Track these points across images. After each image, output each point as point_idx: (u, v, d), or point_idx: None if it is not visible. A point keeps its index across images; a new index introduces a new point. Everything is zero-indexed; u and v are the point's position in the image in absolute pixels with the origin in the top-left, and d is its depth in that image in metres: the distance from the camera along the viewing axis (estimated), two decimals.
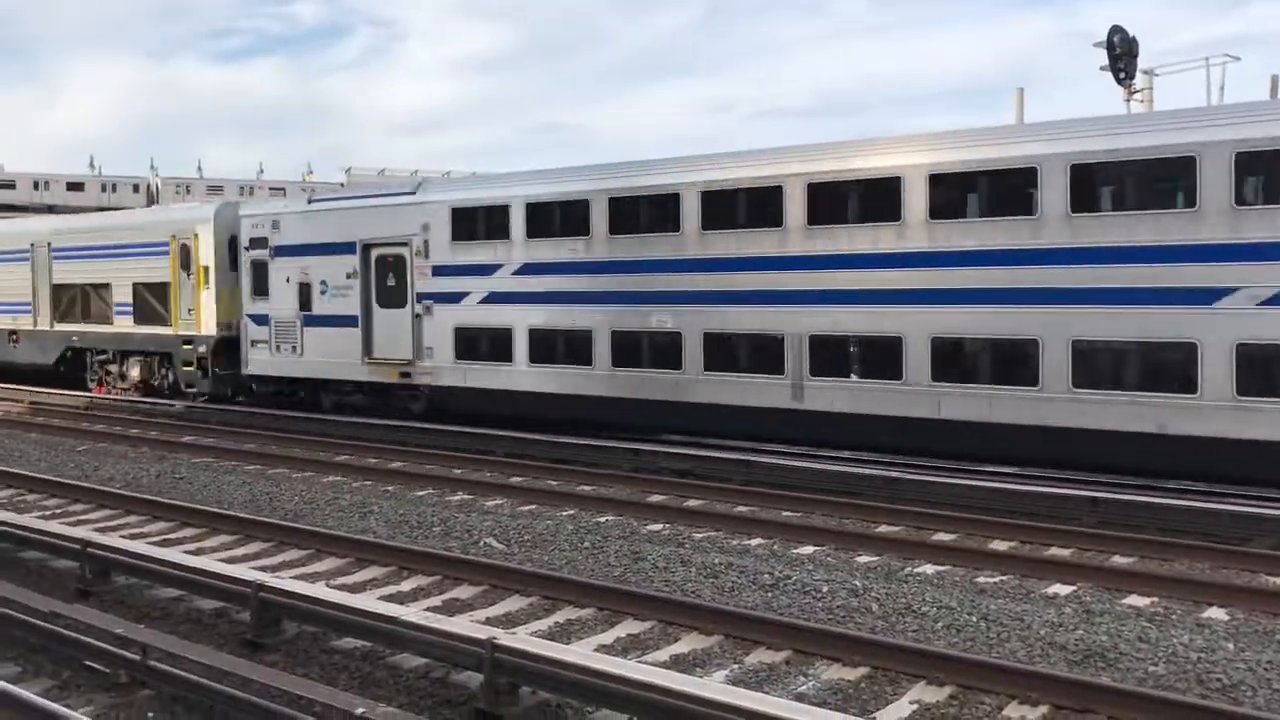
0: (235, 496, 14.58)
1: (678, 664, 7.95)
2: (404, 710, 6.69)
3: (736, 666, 7.98)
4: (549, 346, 18.16)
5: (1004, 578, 10.33)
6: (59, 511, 13.63)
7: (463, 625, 7.60)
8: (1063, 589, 9.93)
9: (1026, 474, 14.59)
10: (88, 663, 7.82)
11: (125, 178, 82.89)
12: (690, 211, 16.75)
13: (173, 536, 12.21)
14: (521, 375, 18.48)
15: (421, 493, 14.81)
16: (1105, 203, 13.49)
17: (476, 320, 19.05)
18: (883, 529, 12.37)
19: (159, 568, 9.57)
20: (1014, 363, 13.94)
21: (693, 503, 13.91)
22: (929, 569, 10.67)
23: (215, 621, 9.14)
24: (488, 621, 8.70)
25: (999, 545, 11.60)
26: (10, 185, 78.74)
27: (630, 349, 17.34)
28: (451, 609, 9.25)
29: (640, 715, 6.45)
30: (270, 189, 78.97)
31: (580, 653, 7.13)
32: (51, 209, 61.17)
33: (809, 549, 11.52)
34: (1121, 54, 24.23)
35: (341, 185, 75.13)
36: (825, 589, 9.88)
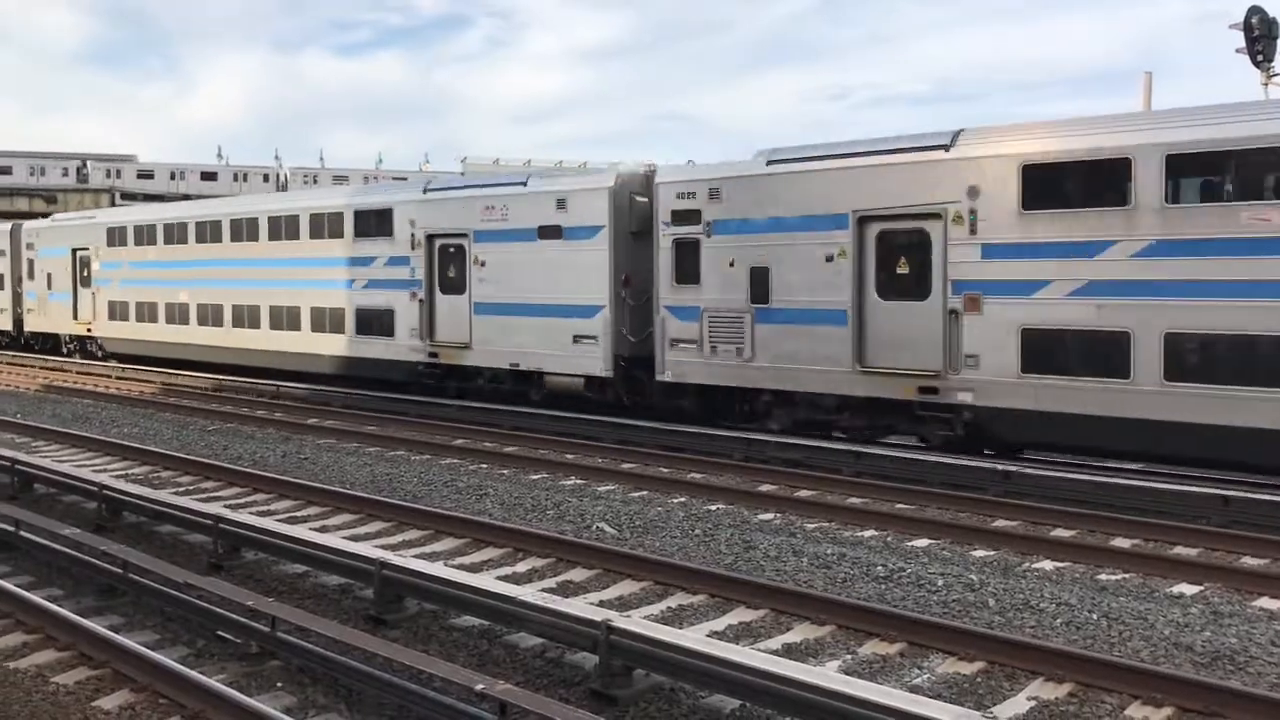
0: (357, 477, 15.01)
1: (790, 653, 7.94)
2: (521, 688, 6.83)
3: (850, 657, 7.95)
4: (1204, 357, 13.06)
5: (1126, 576, 10.07)
6: (191, 488, 14.21)
7: (578, 607, 7.71)
8: (1189, 589, 9.65)
9: (1150, 470, 14.19)
10: (220, 633, 8.16)
11: (256, 167, 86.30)
12: None
13: (299, 514, 12.63)
14: (1152, 399, 13.26)
15: (535, 476, 15.05)
16: None
17: (1062, 319, 14.04)
18: (999, 523, 12.15)
19: (287, 544, 9.92)
20: None
21: (804, 493, 13.86)
22: (1047, 565, 10.46)
23: (339, 597, 9.44)
24: (601, 604, 8.81)
25: (1121, 542, 11.31)
26: (149, 175, 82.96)
27: None
28: (566, 591, 9.40)
29: (754, 701, 6.49)
30: (393, 178, 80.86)
31: (694, 638, 7.18)
32: (186, 198, 63.54)
33: (923, 542, 11.39)
34: (1260, 36, 23.21)
35: (462, 175, 76.52)
36: (940, 582, 9.76)
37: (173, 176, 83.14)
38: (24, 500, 13.26)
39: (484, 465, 15.98)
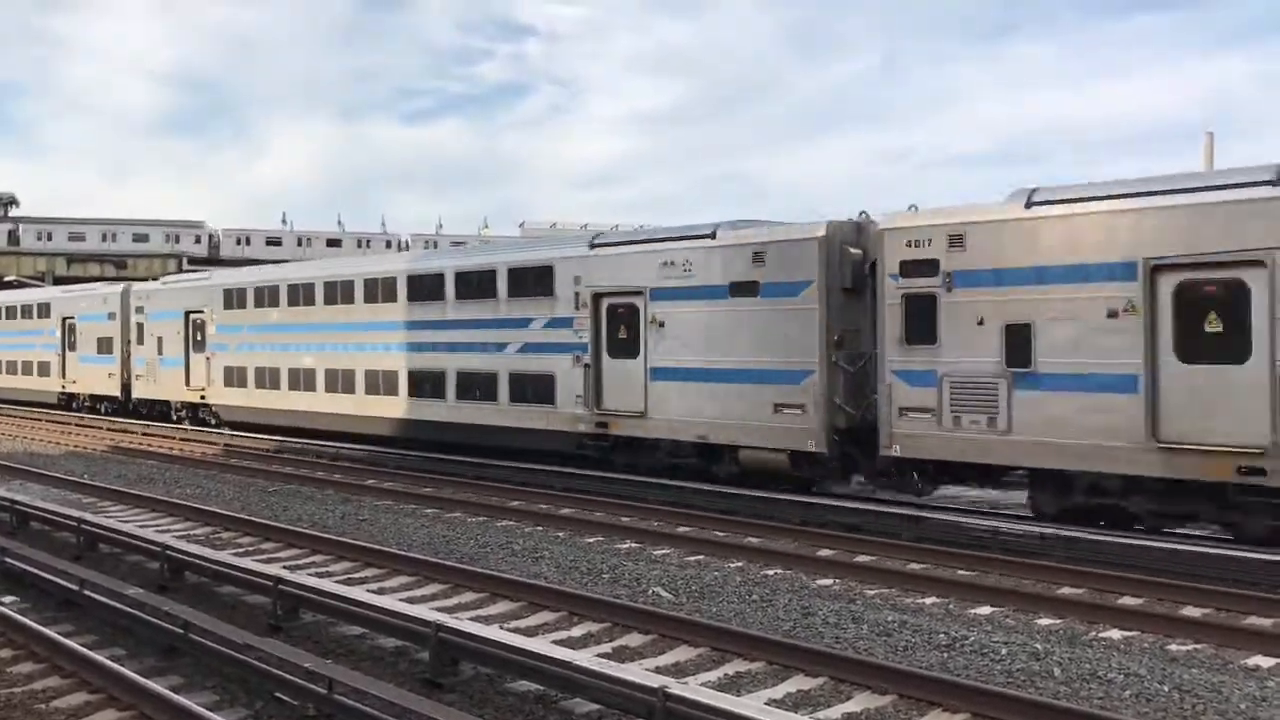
0: (414, 539, 15.07)
1: None
2: None
3: None
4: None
5: (1198, 646, 9.79)
6: (251, 549, 14.35)
7: (635, 672, 7.64)
8: (1264, 661, 9.34)
9: (1216, 537, 13.81)
10: (278, 694, 8.18)
11: (378, 234, 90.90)
12: None
13: (356, 576, 12.70)
14: None
15: (590, 539, 15.01)
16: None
17: None
18: (1064, 591, 11.89)
19: (345, 606, 9.96)
20: None
21: (863, 558, 13.67)
22: (1115, 634, 10.21)
23: (395, 660, 9.44)
24: (658, 670, 8.72)
25: (1192, 611, 11.01)
26: (277, 242, 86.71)
27: None
28: (621, 656, 9.32)
29: None
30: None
31: (753, 705, 7.08)
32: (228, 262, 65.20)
33: (986, 609, 11.17)
34: None
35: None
36: (1004, 651, 9.55)
37: (300, 243, 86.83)
38: (89, 560, 13.48)
39: (539, 527, 15.98)
